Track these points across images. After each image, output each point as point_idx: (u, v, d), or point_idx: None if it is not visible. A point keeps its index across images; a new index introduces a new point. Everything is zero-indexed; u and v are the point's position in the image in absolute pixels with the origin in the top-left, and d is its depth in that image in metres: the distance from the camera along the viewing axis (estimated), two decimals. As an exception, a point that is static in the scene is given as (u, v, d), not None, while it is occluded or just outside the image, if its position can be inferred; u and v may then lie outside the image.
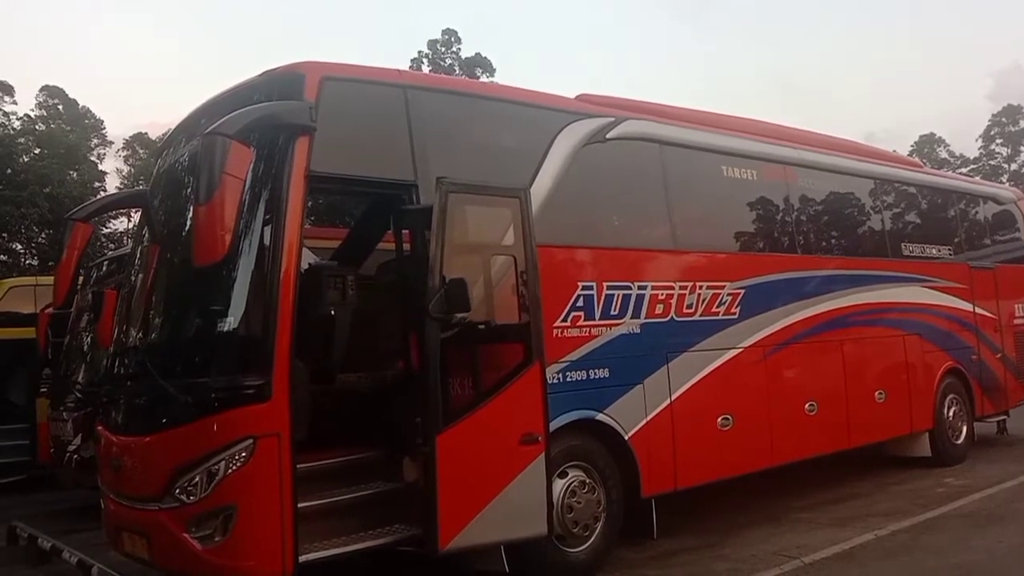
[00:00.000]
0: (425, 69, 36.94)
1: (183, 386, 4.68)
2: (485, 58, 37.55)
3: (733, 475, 7.03)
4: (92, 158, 33.84)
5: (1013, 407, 10.78)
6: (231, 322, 4.62)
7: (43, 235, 29.87)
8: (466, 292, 4.82)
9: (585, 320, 6.04)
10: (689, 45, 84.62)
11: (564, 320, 5.92)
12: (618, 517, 6.08)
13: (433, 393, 4.81)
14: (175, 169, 5.56)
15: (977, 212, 10.94)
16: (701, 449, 6.65)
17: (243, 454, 4.42)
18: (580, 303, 6.03)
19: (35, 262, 30.67)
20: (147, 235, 5.82)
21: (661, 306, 6.55)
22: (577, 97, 6.86)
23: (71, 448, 9.13)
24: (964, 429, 9.71)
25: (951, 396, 9.54)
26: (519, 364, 5.16)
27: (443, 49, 37.31)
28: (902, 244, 9.30)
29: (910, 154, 50.01)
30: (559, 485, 5.72)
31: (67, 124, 32.11)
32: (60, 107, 32.11)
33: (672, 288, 6.65)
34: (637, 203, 6.76)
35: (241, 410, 4.45)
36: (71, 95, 32.94)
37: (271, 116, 4.70)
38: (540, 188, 5.90)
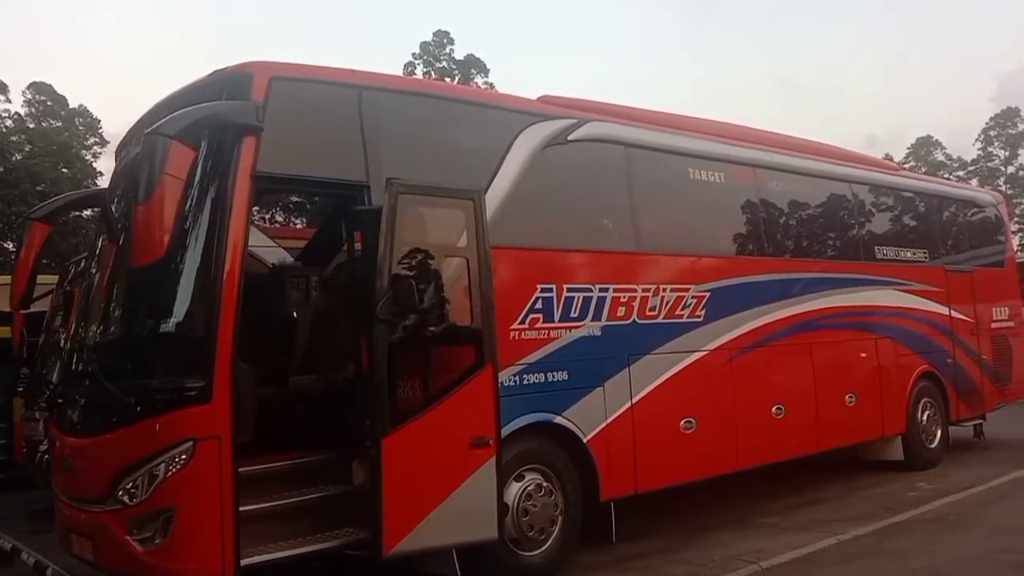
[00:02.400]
0: (419, 71, 36.98)
1: (127, 387, 4.67)
2: (479, 59, 37.59)
3: (696, 478, 7.00)
4: (87, 156, 33.81)
5: (990, 411, 10.74)
6: (173, 323, 4.61)
7: (36, 233, 29.77)
8: (413, 294, 4.80)
9: (544, 322, 6.01)
10: (691, 47, 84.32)
11: (522, 322, 5.89)
12: (576, 521, 6.06)
13: (380, 395, 4.78)
14: (128, 168, 5.53)
15: (956, 215, 10.90)
16: (662, 452, 6.62)
17: (183, 456, 4.39)
18: (539, 305, 5.99)
19: (26, 260, 30.59)
20: (104, 234, 5.80)
21: (623, 309, 6.52)
22: (539, 98, 6.83)
23: (42, 448, 9.09)
24: (938, 433, 9.67)
25: (925, 400, 9.49)
26: (471, 367, 5.13)
27: (436, 51, 37.29)
28: (876, 247, 9.24)
29: (907, 156, 50.10)
30: (515, 488, 5.70)
31: (57, 121, 32.07)
32: (49, 103, 32.03)
33: (635, 291, 6.61)
34: (600, 205, 6.72)
35: (181, 412, 4.42)
36: (61, 92, 32.85)
37: (215, 116, 4.67)
38: (499, 190, 5.88)
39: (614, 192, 6.74)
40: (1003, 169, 49.24)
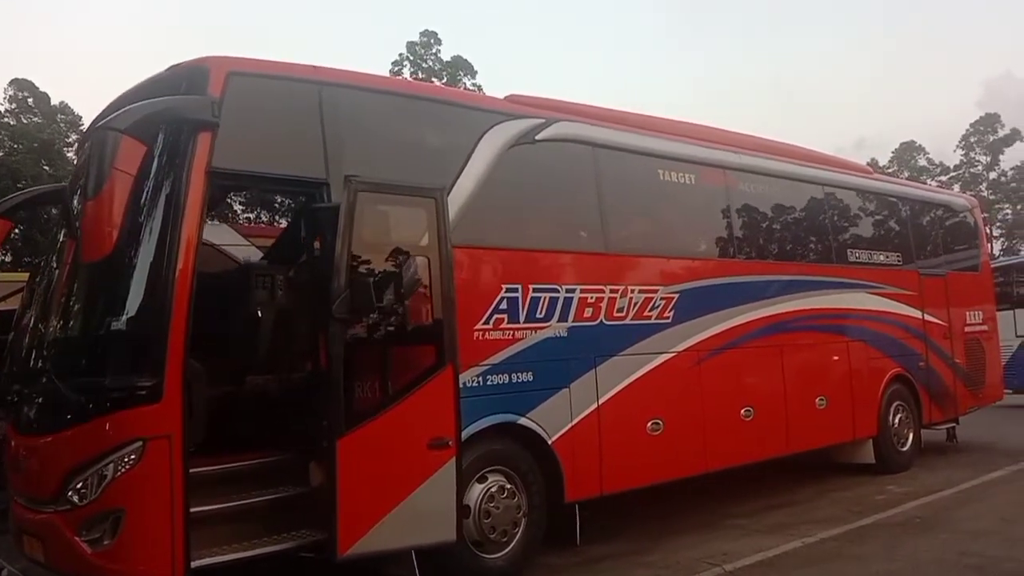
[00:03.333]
0: (406, 71, 36.85)
1: (77, 385, 4.62)
2: (466, 60, 37.48)
3: (663, 480, 6.96)
4: (69, 154, 33.51)
5: (963, 415, 10.75)
6: (124, 321, 4.54)
7: (16, 230, 29.50)
8: (370, 293, 4.76)
9: (508, 323, 5.97)
10: (684, 48, 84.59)
11: (486, 323, 5.84)
12: (540, 523, 6.03)
13: (335, 395, 4.73)
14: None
15: (930, 219, 10.92)
16: (629, 454, 6.59)
17: (132, 456, 4.33)
18: (503, 305, 5.95)
19: (8, 258, 30.30)
20: (64, 231, 5.72)
21: (590, 309, 6.48)
22: (506, 97, 6.80)
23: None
24: (910, 436, 9.66)
25: (897, 403, 9.49)
26: (430, 367, 5.08)
27: (423, 51, 37.19)
28: (848, 250, 9.24)
29: (890, 161, 50.37)
30: (477, 490, 5.67)
31: (39, 118, 31.82)
32: (30, 101, 31.77)
33: (602, 292, 6.58)
34: (567, 206, 6.68)
35: (131, 411, 4.36)
36: (43, 89, 32.55)
37: (169, 111, 4.62)
38: (463, 189, 5.84)
39: (582, 192, 6.71)
40: (985, 175, 49.54)
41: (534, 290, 6.14)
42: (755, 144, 8.59)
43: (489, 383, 5.80)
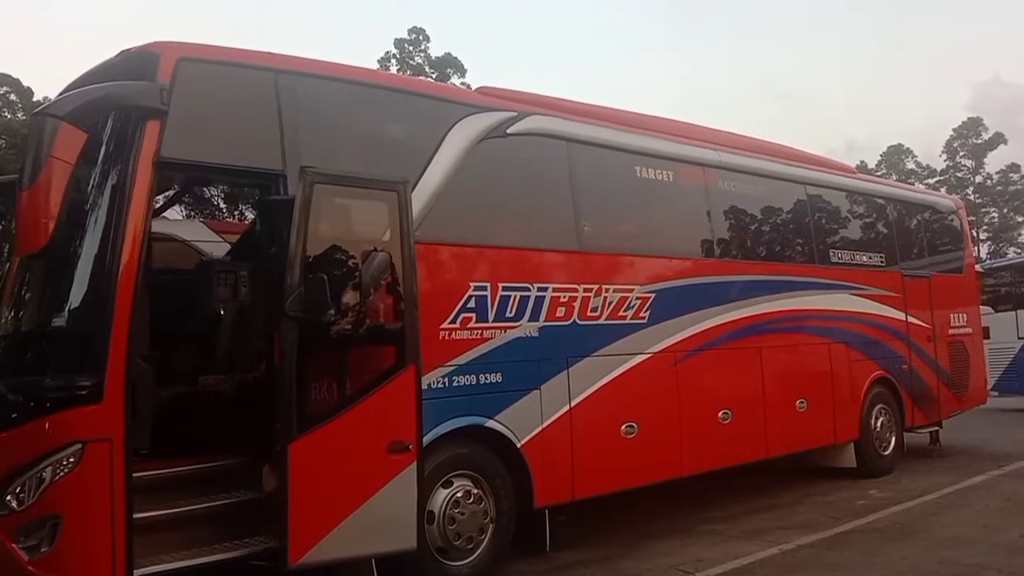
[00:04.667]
0: (393, 68, 36.65)
1: (17, 384, 4.42)
2: (455, 58, 37.28)
3: (638, 485, 6.78)
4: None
5: (946, 418, 10.63)
6: (64, 317, 4.38)
7: (-1, 225, 29.21)
8: (325, 291, 4.54)
9: (477, 322, 5.77)
10: (677, 49, 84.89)
11: (452, 322, 5.65)
12: (508, 529, 5.84)
13: (287, 397, 4.52)
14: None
15: (914, 221, 10.78)
16: (602, 458, 6.40)
17: (71, 459, 4.11)
18: (472, 304, 5.75)
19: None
20: (14, 225, 5.50)
21: (563, 309, 6.29)
22: (477, 89, 6.61)
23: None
24: (892, 440, 9.52)
25: (879, 406, 9.35)
26: (390, 368, 4.88)
27: (411, 48, 36.98)
28: (830, 251, 9.09)
29: (879, 164, 50.47)
30: (442, 495, 5.48)
31: (22, 113, 31.45)
32: (12, 96, 31.41)
33: (575, 291, 6.39)
34: (540, 202, 6.48)
35: (70, 412, 4.14)
36: (27, 83, 32.16)
37: (112, 97, 4.40)
38: (430, 183, 5.64)
39: (555, 189, 6.51)
40: (971, 178, 49.68)
41: (504, 288, 5.94)
42: (735, 142, 8.40)
43: (455, 384, 5.61)
